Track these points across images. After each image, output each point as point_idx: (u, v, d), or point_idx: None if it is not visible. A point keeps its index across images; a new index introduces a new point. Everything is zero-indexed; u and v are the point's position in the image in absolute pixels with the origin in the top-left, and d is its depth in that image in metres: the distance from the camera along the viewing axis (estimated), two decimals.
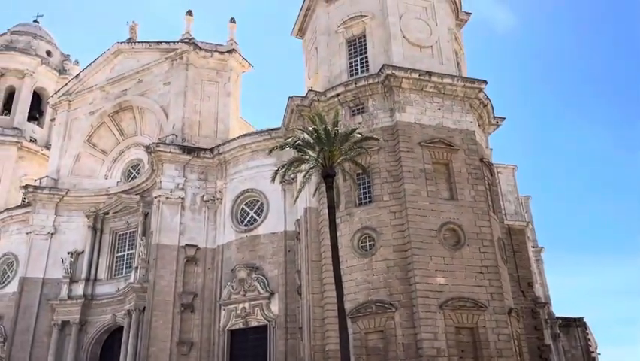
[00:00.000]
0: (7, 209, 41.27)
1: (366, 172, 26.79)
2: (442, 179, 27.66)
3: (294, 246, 31.51)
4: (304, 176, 25.15)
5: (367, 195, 27.95)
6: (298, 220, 30.83)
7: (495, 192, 30.62)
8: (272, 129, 34.10)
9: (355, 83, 29.65)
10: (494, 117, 32.73)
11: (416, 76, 28.89)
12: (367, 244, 26.88)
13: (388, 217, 26.68)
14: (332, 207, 23.88)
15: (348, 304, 25.71)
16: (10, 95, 48.04)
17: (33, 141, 47.33)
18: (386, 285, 25.59)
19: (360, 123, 28.74)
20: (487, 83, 30.16)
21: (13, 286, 37.74)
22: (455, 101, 29.66)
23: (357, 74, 31.25)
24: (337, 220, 27.24)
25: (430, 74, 29.23)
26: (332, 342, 25.28)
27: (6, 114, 47.28)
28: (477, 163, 28.42)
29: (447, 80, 29.47)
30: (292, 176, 29.22)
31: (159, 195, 34.40)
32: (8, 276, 38.87)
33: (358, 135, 24.86)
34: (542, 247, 51.48)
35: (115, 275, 37.46)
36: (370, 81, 29.36)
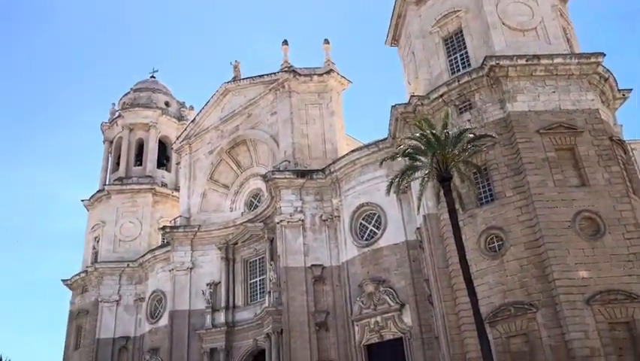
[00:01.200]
0: (151, 250, 45.27)
1: (482, 171, 25.77)
2: (569, 165, 25.78)
3: (417, 255, 31.01)
4: (420, 183, 24.75)
5: (488, 193, 26.82)
6: (418, 229, 30.34)
7: (633, 172, 27.84)
8: (379, 141, 34.12)
9: (458, 81, 28.80)
10: (619, 90, 29.97)
11: (523, 62, 27.43)
12: (495, 244, 25.71)
13: (514, 214, 25.34)
14: (453, 211, 23.22)
15: (484, 309, 24.61)
16: (140, 147, 53.03)
17: (164, 185, 51.70)
18: (522, 285, 24.21)
19: (468, 120, 27.82)
20: (604, 55, 27.81)
21: (164, 320, 41.18)
22: (571, 80, 27.66)
23: (458, 71, 30.36)
24: (460, 223, 26.32)
25: (537, 57, 27.60)
26: (472, 350, 24.36)
27: (138, 165, 52.21)
28: (606, 143, 26.13)
29: (558, 60, 27.61)
30: (406, 185, 28.89)
31: (281, 220, 35.77)
32: (159, 311, 42.49)
33: (471, 135, 24.03)
34: None
35: (251, 301, 39.38)
36: (474, 76, 28.37)
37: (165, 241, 44.26)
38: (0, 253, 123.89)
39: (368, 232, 33.97)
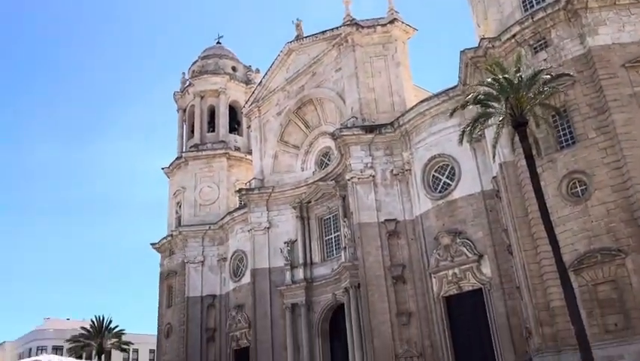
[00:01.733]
0: (229, 212, 47.02)
1: (561, 113, 24.32)
2: None
3: (494, 205, 30.13)
4: (495, 130, 23.76)
5: (568, 136, 25.36)
6: (494, 178, 29.35)
7: None
8: (449, 89, 32.95)
9: (532, 18, 26.99)
10: None
11: None
12: (578, 189, 24.46)
13: (599, 156, 23.87)
14: (530, 158, 22.19)
15: (567, 257, 23.72)
16: (212, 114, 54.46)
17: (237, 149, 53.03)
18: (609, 230, 23.00)
19: (544, 60, 26.16)
20: None
21: (246, 278, 43.07)
22: None
23: (532, 7, 28.38)
24: (538, 170, 25.17)
25: None
26: (556, 298, 23.64)
27: (211, 131, 53.75)
28: None
29: None
30: (479, 133, 27.81)
31: (351, 177, 35.81)
32: (241, 270, 44.43)
33: (547, 76, 22.60)
34: None
35: (327, 257, 40.21)
36: (550, 10, 26.46)
37: (242, 203, 45.76)
38: (95, 224, 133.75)
39: (441, 184, 33.33)
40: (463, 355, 30.39)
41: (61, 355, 46.68)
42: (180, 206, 50.29)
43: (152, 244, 51.07)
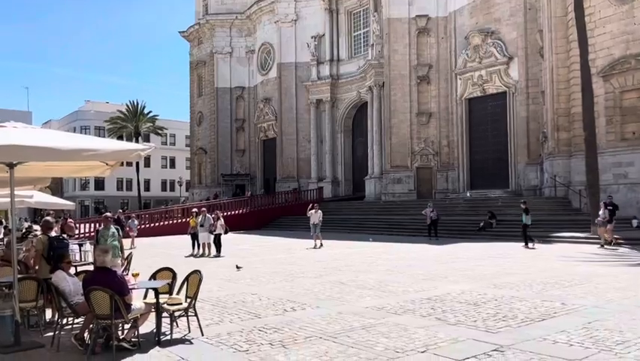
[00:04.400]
0: (257, 1, 45.00)
1: None
2: None
3: (534, 2, 27.69)
4: None
5: None
6: None
7: None
8: None
9: None
10: None
11: None
12: None
13: None
14: None
15: (601, 61, 22.50)
16: None
17: None
18: None
19: None
20: None
21: (273, 72, 43.04)
22: None
23: None
24: None
25: None
26: (578, 104, 22.94)
27: None
28: None
29: None
30: None
31: None
32: (269, 63, 44.13)
33: None
34: None
35: (355, 54, 39.30)
36: None
37: None
38: (122, 14, 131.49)
39: None
40: (478, 156, 31.14)
41: (103, 136, 50.05)
42: None
43: (180, 32, 50.48)
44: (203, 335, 6.29)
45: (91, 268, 7.60)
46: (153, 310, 6.09)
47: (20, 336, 5.89)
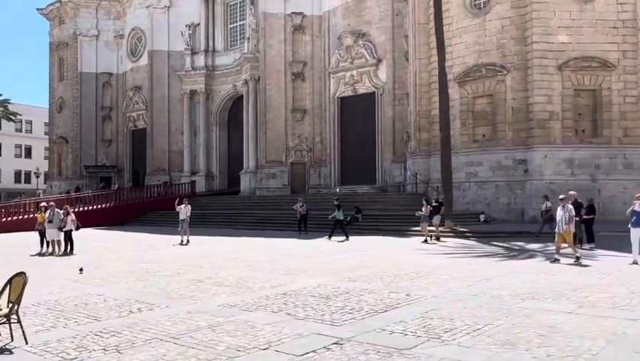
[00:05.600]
0: None
1: None
2: None
3: (402, 9, 29.29)
4: None
5: None
6: None
7: None
8: None
9: None
10: None
11: None
12: (481, 1, 24.02)
13: None
14: None
15: (457, 68, 24.36)
16: None
17: None
18: (499, 46, 23.38)
19: None
20: None
21: (144, 59, 40.90)
22: None
23: None
24: None
25: None
26: (437, 107, 24.64)
27: None
28: None
29: None
30: None
31: None
32: (140, 50, 41.84)
33: None
34: None
35: (231, 46, 38.68)
36: None
37: None
38: None
39: None
40: (350, 153, 32.26)
41: None
42: None
43: (38, 9, 45.99)
44: (27, 343, 5.69)
45: None
46: None
47: None
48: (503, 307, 7.16)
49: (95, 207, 31.37)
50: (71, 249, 15.67)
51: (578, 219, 13.84)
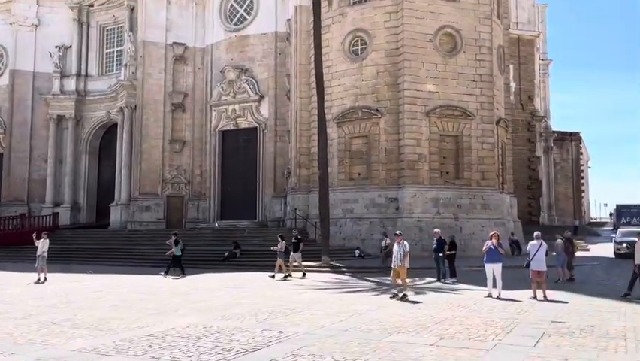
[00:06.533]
0: None
1: None
2: None
3: (284, 48, 30.07)
4: None
5: None
6: (289, 20, 28.89)
7: None
8: None
9: None
10: None
11: None
12: (359, 47, 25.44)
13: (383, 19, 24.76)
14: (317, 4, 21.92)
15: (336, 109, 25.38)
16: None
17: None
18: (374, 91, 24.82)
19: None
20: None
21: (5, 79, 37.35)
22: None
23: None
24: (329, 21, 25.57)
25: None
26: (316, 145, 25.42)
27: None
28: None
29: None
30: None
31: None
32: (0, 68, 38.22)
33: None
34: (551, 60, 49.54)
35: (106, 72, 36.76)
36: None
37: None
38: None
39: (238, 16, 31.80)
40: (229, 187, 31.82)
41: None
42: None
43: None
44: None
45: None
46: None
47: None
48: (372, 342, 7.34)
49: None
50: None
51: (441, 255, 14.86)
